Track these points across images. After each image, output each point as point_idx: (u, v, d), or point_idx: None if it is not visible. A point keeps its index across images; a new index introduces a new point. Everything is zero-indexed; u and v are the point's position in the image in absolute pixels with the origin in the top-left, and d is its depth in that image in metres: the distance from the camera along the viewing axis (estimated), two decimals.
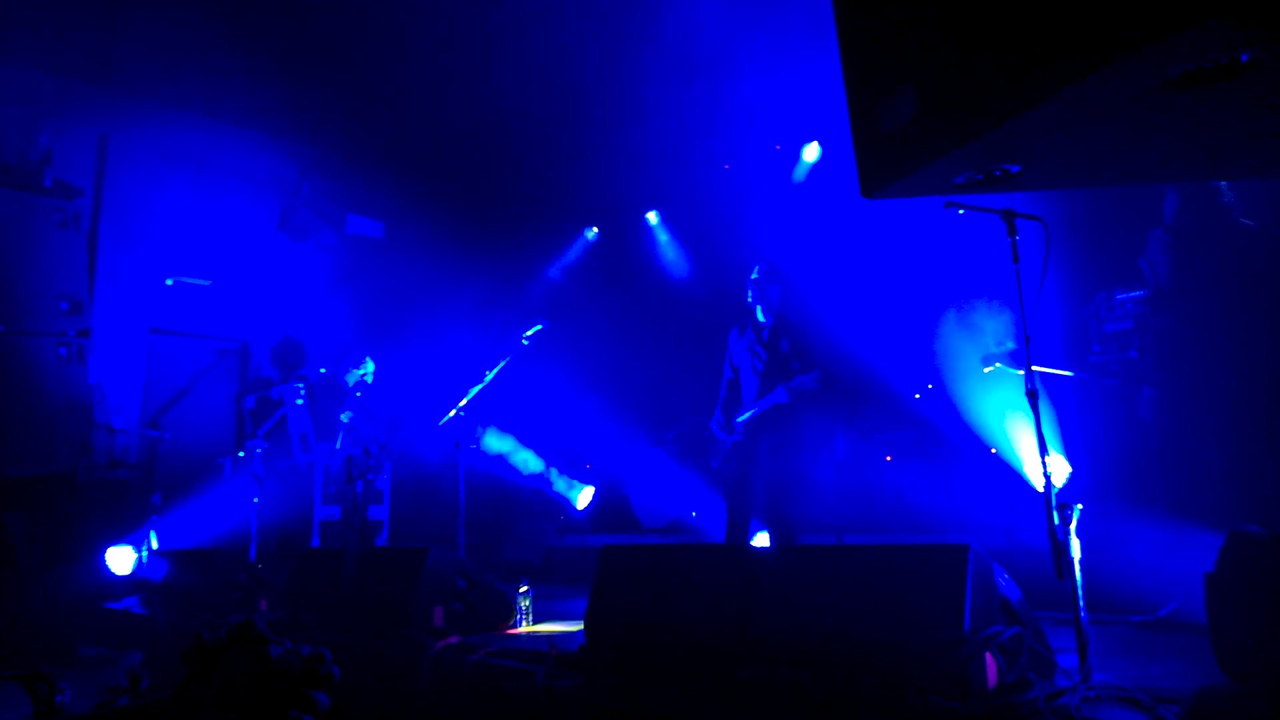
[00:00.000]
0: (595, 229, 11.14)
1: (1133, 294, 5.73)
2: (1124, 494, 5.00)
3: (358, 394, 7.62)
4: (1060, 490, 3.06)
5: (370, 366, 7.75)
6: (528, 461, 9.36)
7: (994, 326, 6.35)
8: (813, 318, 5.94)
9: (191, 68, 8.32)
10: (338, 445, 7.49)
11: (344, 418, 7.51)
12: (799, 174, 9.23)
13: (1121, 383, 5.61)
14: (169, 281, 8.82)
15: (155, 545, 7.12)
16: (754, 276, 5.80)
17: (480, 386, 6.25)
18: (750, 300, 5.83)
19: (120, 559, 6.77)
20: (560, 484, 9.19)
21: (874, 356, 7.55)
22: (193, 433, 8.45)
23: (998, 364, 5.95)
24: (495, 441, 9.29)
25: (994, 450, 6.02)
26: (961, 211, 3.38)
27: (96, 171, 8.36)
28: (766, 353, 5.69)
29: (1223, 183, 4.87)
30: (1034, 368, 3.22)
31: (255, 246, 9.51)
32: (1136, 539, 4.32)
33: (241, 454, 7.46)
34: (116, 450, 7.76)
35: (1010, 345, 6.01)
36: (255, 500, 6.79)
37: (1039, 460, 3.11)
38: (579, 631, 3.73)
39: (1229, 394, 4.71)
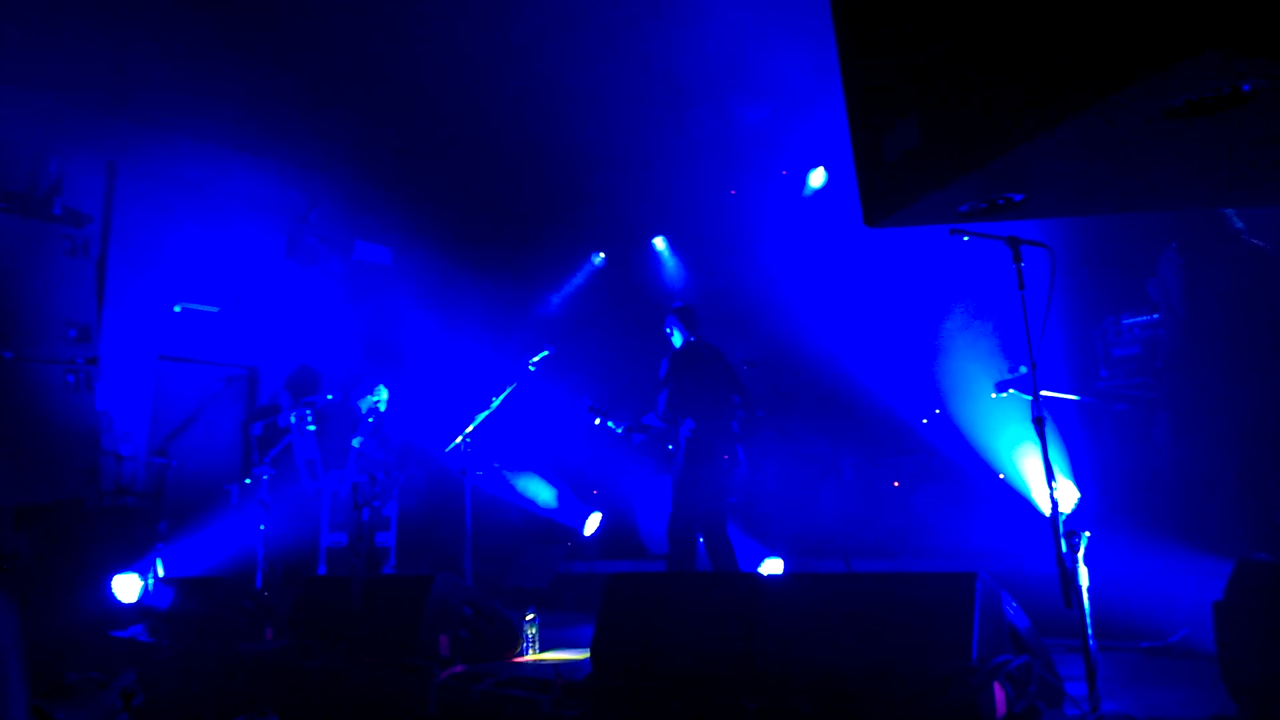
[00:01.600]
0: (602, 254, 11.18)
1: (1140, 318, 5.71)
2: (1133, 520, 4.96)
3: (370, 420, 7.63)
4: (1068, 517, 3.05)
5: (384, 394, 7.79)
6: (534, 488, 9.35)
7: (988, 345, 6.36)
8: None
9: (199, 95, 8.41)
10: (347, 471, 7.50)
11: (355, 443, 7.52)
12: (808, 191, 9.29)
13: (1131, 407, 5.58)
14: (177, 308, 8.87)
15: (161, 573, 7.11)
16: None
17: (486, 413, 6.26)
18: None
19: (126, 586, 6.76)
20: (565, 510, 9.17)
21: (880, 381, 7.54)
22: (200, 459, 8.47)
23: (1011, 390, 5.92)
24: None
25: (1002, 476, 5.99)
26: (966, 239, 3.39)
27: (105, 199, 8.44)
28: None
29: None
30: (1043, 393, 3.22)
31: (262, 273, 9.57)
32: (1145, 566, 4.29)
33: (248, 481, 7.47)
34: (124, 477, 7.77)
35: (1023, 370, 6.00)
36: (262, 527, 6.79)
37: (1047, 486, 3.10)
38: (585, 660, 3.71)
39: (1243, 419, 4.68)
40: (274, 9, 7.32)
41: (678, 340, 6.31)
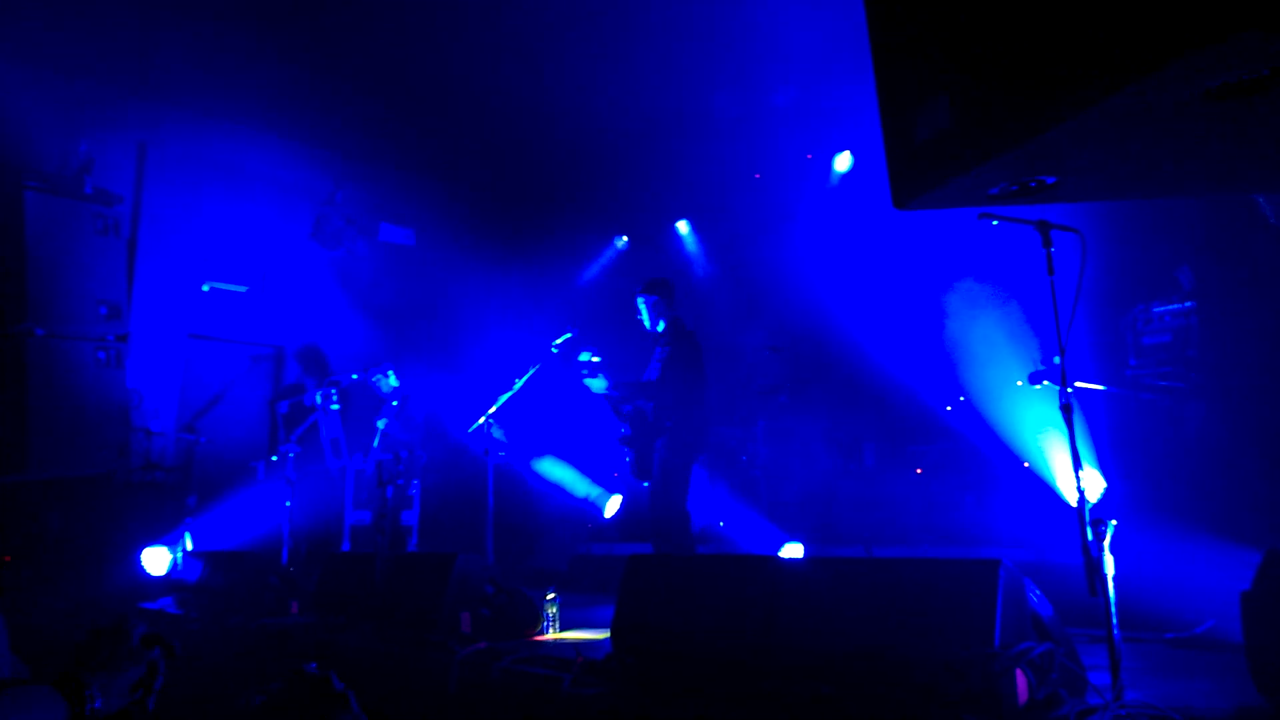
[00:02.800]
0: (625, 238, 11.16)
1: (1172, 306, 5.63)
2: (1160, 510, 4.91)
3: (394, 402, 7.71)
4: (1094, 506, 3.02)
5: (393, 377, 7.86)
6: (555, 470, 9.39)
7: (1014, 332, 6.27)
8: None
9: (227, 77, 8.46)
10: (371, 450, 7.58)
11: (380, 424, 7.61)
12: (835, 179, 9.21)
13: (1159, 396, 5.51)
14: (205, 287, 8.96)
15: (190, 547, 7.22)
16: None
17: (509, 394, 6.29)
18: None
19: (156, 560, 6.87)
20: (589, 491, 9.20)
21: (903, 367, 7.50)
22: (227, 436, 8.57)
23: (1045, 382, 5.84)
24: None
25: (1026, 464, 5.94)
26: (995, 223, 3.36)
27: (135, 179, 8.51)
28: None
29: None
30: (1078, 385, 3.18)
31: (289, 254, 9.64)
32: (1172, 556, 4.26)
33: (275, 458, 7.56)
34: (153, 453, 7.88)
35: (1056, 360, 5.92)
36: (287, 504, 6.87)
37: (1073, 475, 3.07)
38: (605, 639, 3.73)
39: (1275, 406, 4.62)
40: None
41: (663, 317, 5.89)
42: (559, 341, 6.19)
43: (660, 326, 5.93)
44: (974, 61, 1.90)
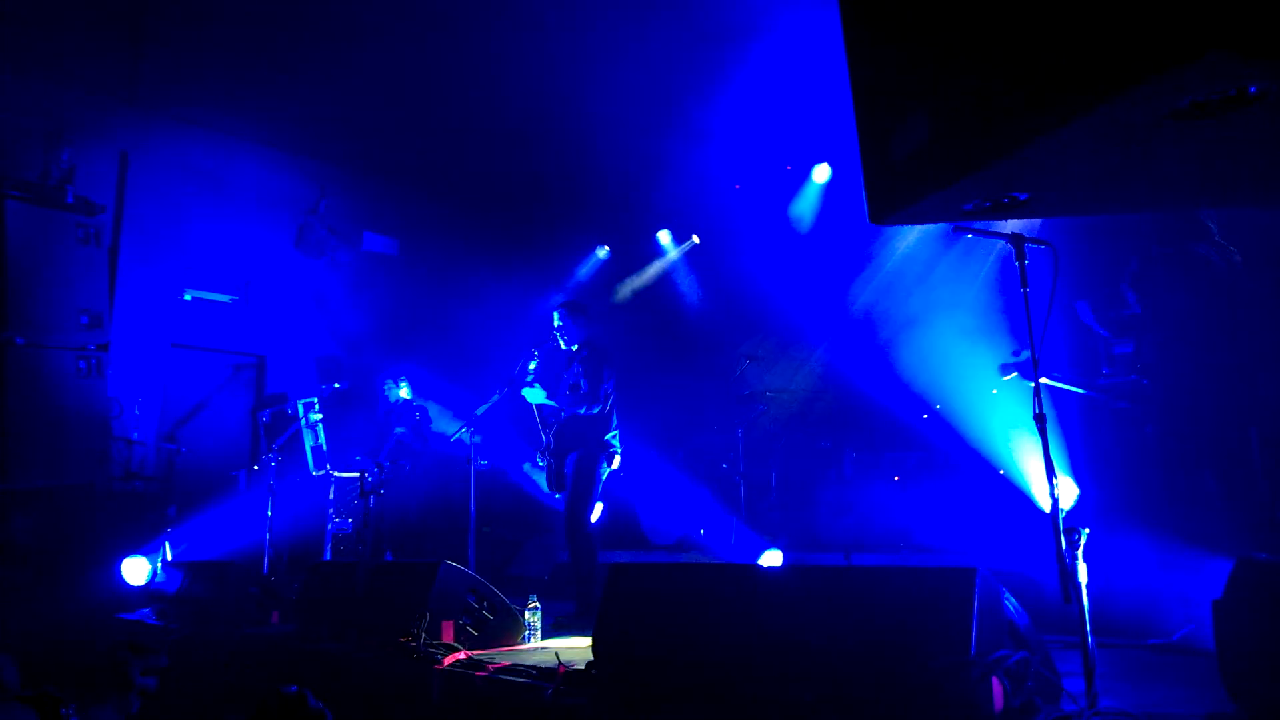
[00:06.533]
0: (606, 247, 11.20)
1: (1125, 314, 5.71)
2: (1133, 518, 4.98)
3: (416, 415, 7.83)
4: (1068, 514, 3.07)
5: (406, 389, 7.99)
6: (536, 477, 9.39)
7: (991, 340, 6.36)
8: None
9: (211, 87, 8.46)
10: (380, 455, 7.66)
11: (398, 431, 7.70)
12: (802, 207, 9.29)
13: (1131, 405, 5.59)
14: (187, 296, 8.93)
15: (170, 557, 7.17)
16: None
17: (490, 403, 6.31)
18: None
19: (135, 570, 6.82)
20: None
21: (881, 376, 7.56)
22: (209, 446, 8.53)
23: (1015, 374, 5.93)
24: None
25: (1002, 472, 6.01)
26: (970, 236, 3.41)
27: (117, 188, 8.48)
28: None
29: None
30: (1045, 381, 3.24)
31: (272, 263, 9.62)
32: (1147, 563, 4.31)
33: (256, 467, 7.53)
34: (134, 462, 7.83)
35: (1025, 354, 6.01)
36: (269, 513, 6.84)
37: (1047, 483, 3.12)
38: (587, 648, 3.74)
39: (1221, 420, 4.70)
40: (285, 2, 7.36)
41: (579, 334, 6.18)
42: (539, 350, 6.23)
43: (575, 347, 6.19)
44: (949, 81, 1.94)
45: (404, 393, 8.17)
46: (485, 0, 7.48)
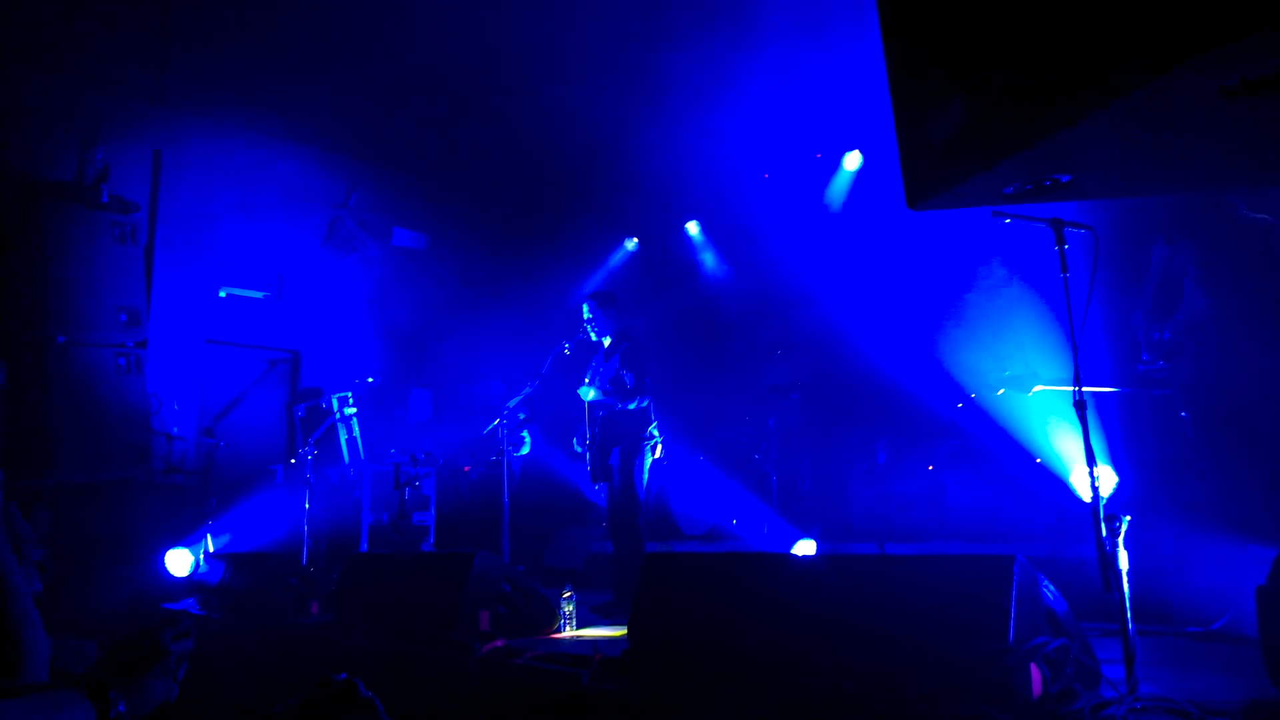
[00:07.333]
0: (635, 239, 11.20)
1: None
2: (1174, 505, 4.91)
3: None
4: (1108, 501, 3.04)
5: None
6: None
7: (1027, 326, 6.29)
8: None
9: (241, 85, 8.55)
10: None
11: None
12: (833, 194, 9.21)
13: (1171, 391, 5.50)
14: (222, 293, 9.05)
15: (211, 548, 7.29)
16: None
17: (522, 395, 6.35)
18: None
19: (179, 561, 6.94)
20: None
21: (915, 365, 7.50)
22: (246, 440, 8.65)
23: (1041, 387, 5.88)
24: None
25: (1039, 460, 5.95)
26: (1008, 221, 3.37)
27: (152, 187, 8.60)
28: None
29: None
30: (1085, 389, 3.19)
31: (304, 259, 9.73)
32: (1189, 550, 4.26)
33: (293, 461, 7.63)
34: (174, 457, 7.97)
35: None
36: (306, 505, 6.93)
37: (1087, 471, 3.09)
38: (621, 637, 3.77)
39: (1264, 403, 4.60)
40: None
41: (610, 325, 6.17)
42: (570, 342, 6.24)
43: (606, 339, 6.19)
44: (989, 60, 1.91)
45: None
46: None
